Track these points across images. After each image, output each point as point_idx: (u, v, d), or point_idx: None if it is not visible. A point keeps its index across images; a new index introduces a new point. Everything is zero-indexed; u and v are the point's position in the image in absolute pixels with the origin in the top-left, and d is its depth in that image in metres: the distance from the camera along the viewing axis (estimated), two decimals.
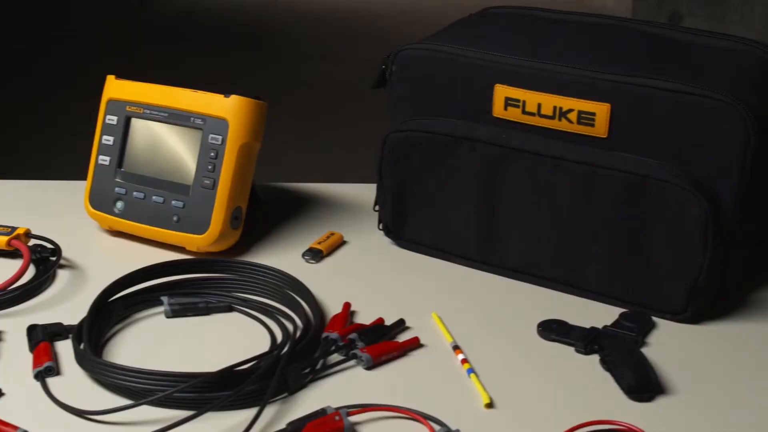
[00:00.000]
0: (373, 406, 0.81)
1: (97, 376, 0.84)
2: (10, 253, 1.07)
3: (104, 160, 1.09)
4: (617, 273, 0.95)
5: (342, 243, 1.10)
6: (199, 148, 1.04)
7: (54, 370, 0.87)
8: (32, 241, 1.06)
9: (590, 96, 0.93)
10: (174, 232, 1.05)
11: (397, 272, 1.05)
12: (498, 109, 0.98)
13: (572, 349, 0.90)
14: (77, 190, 1.21)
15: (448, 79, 1.00)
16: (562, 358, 0.89)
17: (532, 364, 0.89)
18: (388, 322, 0.94)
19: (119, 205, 1.08)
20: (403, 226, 1.07)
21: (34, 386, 0.85)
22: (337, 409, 0.80)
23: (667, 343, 0.92)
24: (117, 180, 1.08)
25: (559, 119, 0.95)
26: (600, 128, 0.93)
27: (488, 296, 1.00)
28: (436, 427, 0.79)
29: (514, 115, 0.97)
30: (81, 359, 0.86)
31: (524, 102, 0.96)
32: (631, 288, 0.95)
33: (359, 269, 1.05)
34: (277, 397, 0.83)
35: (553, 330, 0.92)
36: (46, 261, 1.04)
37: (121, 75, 1.10)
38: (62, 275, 1.04)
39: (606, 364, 0.87)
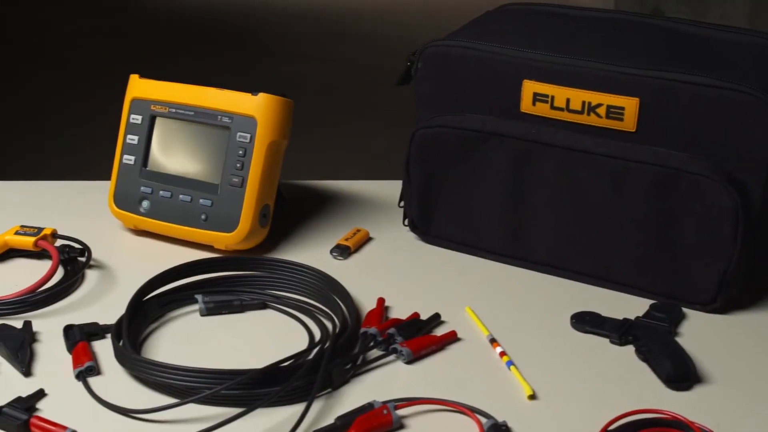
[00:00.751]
0: (419, 399, 0.82)
1: (140, 375, 0.85)
2: (37, 254, 1.07)
3: (129, 159, 1.09)
4: (646, 265, 0.97)
5: (368, 239, 1.11)
6: (226, 147, 1.04)
7: (95, 370, 0.87)
8: (58, 242, 1.06)
9: (619, 90, 0.94)
10: (202, 231, 1.05)
11: (425, 268, 1.06)
12: (526, 105, 0.99)
13: (606, 340, 0.92)
14: (98, 189, 1.21)
15: (475, 76, 1.01)
16: (597, 349, 0.91)
17: (569, 356, 0.90)
18: (421, 317, 0.95)
19: (145, 204, 1.08)
20: (430, 222, 1.08)
21: (76, 386, 0.85)
22: (385, 402, 0.80)
23: (698, 333, 0.93)
24: (142, 179, 1.08)
25: (588, 114, 0.96)
26: (629, 122, 0.95)
27: (518, 290, 1.01)
28: (483, 419, 0.80)
29: (542, 110, 0.98)
30: (123, 358, 0.86)
31: (553, 97, 0.97)
32: (660, 280, 0.97)
33: (387, 265, 1.06)
34: (322, 393, 0.84)
35: (586, 322, 0.93)
36: (74, 261, 1.04)
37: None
38: (90, 275, 1.04)
39: (642, 354, 0.88)
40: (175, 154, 1.07)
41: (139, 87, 1.09)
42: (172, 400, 0.82)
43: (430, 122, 1.03)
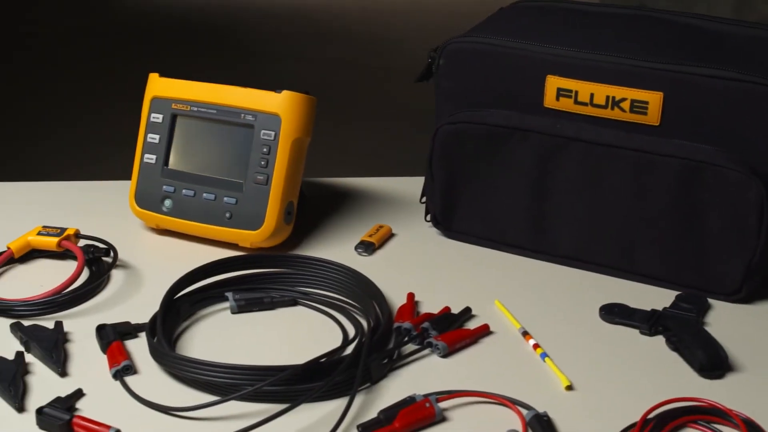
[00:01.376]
0: (460, 392, 0.83)
1: (178, 372, 0.85)
2: (60, 255, 1.07)
3: (150, 158, 1.09)
4: (671, 257, 0.98)
5: (391, 236, 1.11)
6: (250, 144, 1.04)
7: (132, 368, 0.87)
8: (81, 242, 1.06)
9: (643, 85, 0.96)
10: (227, 229, 1.05)
11: (449, 262, 1.06)
12: (549, 100, 1.00)
13: (635, 331, 0.93)
14: (116, 189, 1.21)
15: (498, 72, 1.02)
16: (627, 340, 0.92)
17: (600, 347, 0.91)
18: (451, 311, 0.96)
19: (167, 203, 1.08)
20: (452, 217, 1.09)
21: (113, 385, 0.85)
22: (426, 396, 0.81)
23: (725, 323, 0.95)
24: (164, 178, 1.08)
25: (612, 108, 0.97)
26: (653, 116, 0.96)
27: (543, 283, 1.02)
28: (524, 411, 0.81)
29: (566, 105, 1.00)
30: (160, 356, 0.86)
31: (577, 92, 0.99)
32: (685, 271, 0.98)
33: (411, 260, 1.07)
34: (361, 388, 0.84)
35: (615, 313, 0.94)
36: (99, 261, 1.04)
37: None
38: (115, 275, 1.03)
39: (673, 344, 0.89)
40: (197, 153, 1.07)
41: (159, 86, 1.09)
42: (210, 398, 0.82)
43: (453, 118, 1.04)
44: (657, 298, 0.98)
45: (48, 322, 0.93)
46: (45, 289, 0.99)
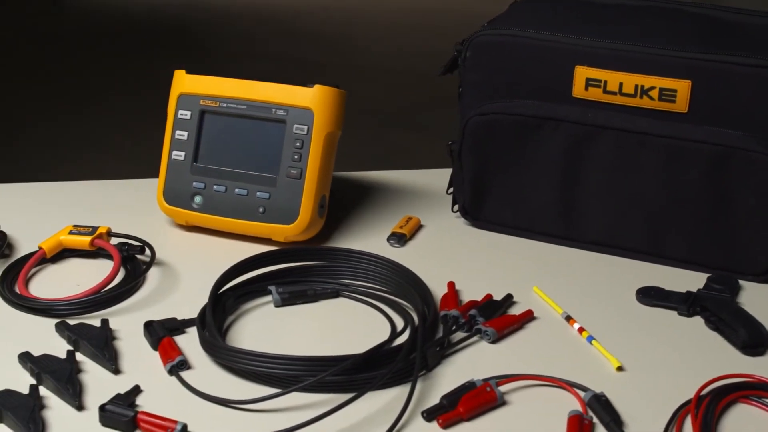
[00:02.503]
0: (517, 376, 0.84)
1: (235, 365, 0.85)
2: (91, 253, 1.06)
3: (178, 155, 1.09)
4: (701, 240, 1.01)
5: (419, 227, 1.13)
6: (282, 139, 1.05)
7: (186, 364, 0.87)
8: (114, 240, 1.05)
9: (672, 74, 0.98)
10: (260, 224, 1.06)
11: (481, 251, 1.08)
12: (578, 90, 1.02)
13: (673, 312, 0.96)
14: (139, 187, 1.22)
15: (526, 63, 1.04)
16: (666, 321, 0.95)
17: (641, 329, 0.94)
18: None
19: (197, 199, 1.08)
20: (481, 207, 1.11)
21: (169, 381, 0.86)
22: (486, 380, 0.83)
23: (757, 302, 0.98)
24: (194, 175, 1.08)
25: (641, 97, 1.00)
26: (681, 104, 0.99)
27: (575, 270, 1.04)
28: (581, 392, 0.83)
29: (594, 94, 1.02)
30: (216, 350, 0.86)
31: (606, 82, 1.01)
32: (714, 253, 1.01)
33: (443, 250, 1.08)
34: (419, 375, 0.85)
35: (652, 296, 0.97)
36: (133, 259, 1.04)
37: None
38: (149, 272, 1.03)
39: (712, 323, 0.92)
40: (227, 148, 1.07)
41: (186, 83, 1.09)
42: (268, 390, 0.83)
43: (483, 109, 1.06)
44: (688, 280, 1.01)
45: (91, 321, 0.93)
46: (81, 288, 0.98)
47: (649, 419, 0.80)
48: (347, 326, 0.94)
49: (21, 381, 0.84)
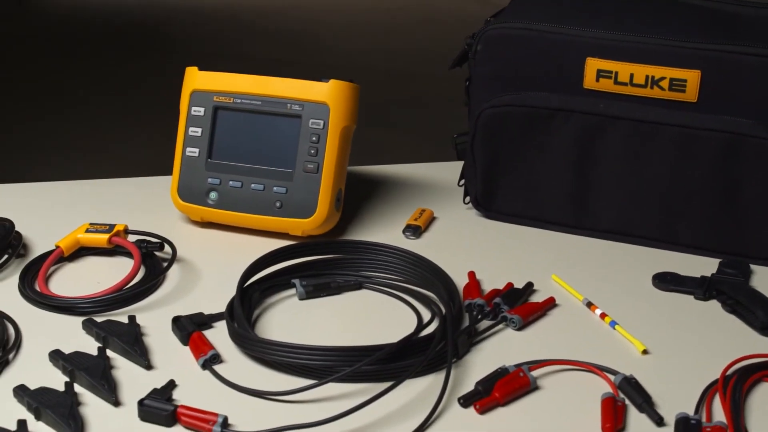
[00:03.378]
0: (547, 361, 0.86)
1: (268, 357, 0.86)
2: (108, 251, 1.06)
3: (192, 151, 1.09)
4: (712, 226, 1.04)
5: (433, 219, 1.14)
6: (298, 134, 1.06)
7: (219, 357, 0.87)
8: (131, 237, 1.05)
9: (682, 64, 1.01)
10: (277, 218, 1.06)
11: (495, 241, 1.10)
12: (589, 81, 1.04)
13: (689, 297, 0.98)
14: (145, 185, 1.22)
15: (537, 56, 1.06)
16: (683, 305, 0.97)
17: (660, 313, 0.96)
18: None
19: (213, 195, 1.08)
20: (493, 198, 1.12)
21: (201, 374, 0.86)
22: (518, 365, 0.84)
23: None
24: (208, 171, 1.08)
25: (651, 87, 1.02)
26: (690, 93, 1.01)
27: (589, 257, 1.06)
28: (610, 375, 0.85)
29: (605, 85, 1.04)
30: (248, 343, 0.87)
31: (616, 73, 1.03)
32: (725, 239, 1.04)
33: (458, 241, 1.10)
34: (443, 365, 0.87)
35: (668, 281, 0.99)
36: (152, 256, 1.04)
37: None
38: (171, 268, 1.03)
39: (729, 306, 0.95)
40: (242, 144, 1.08)
41: (199, 79, 1.09)
42: (302, 381, 0.84)
43: (496, 102, 1.07)
44: (700, 265, 1.03)
45: (116, 318, 0.93)
46: (102, 286, 0.98)
47: (678, 399, 0.82)
48: (372, 317, 0.95)
49: (54, 379, 0.84)
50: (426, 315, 0.94)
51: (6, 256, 1.03)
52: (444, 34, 5.20)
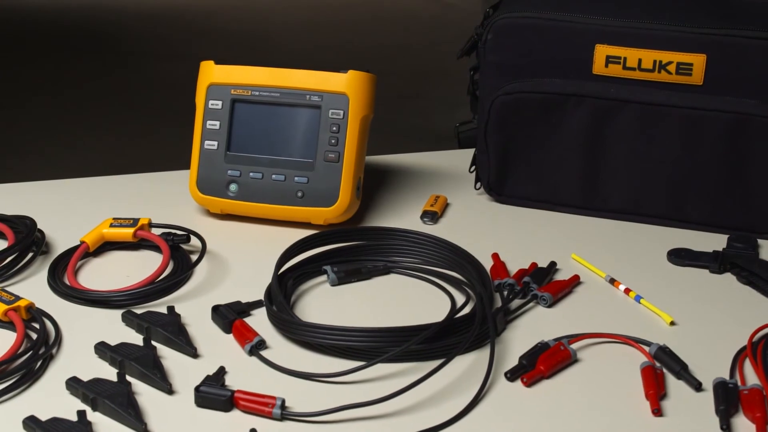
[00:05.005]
0: (584, 334, 0.89)
1: (313, 341, 0.87)
2: (132, 245, 1.06)
3: (211, 144, 1.10)
4: (720, 203, 1.08)
5: (447, 205, 1.17)
6: (318, 124, 1.07)
7: (264, 343, 0.89)
8: (155, 231, 1.06)
9: (688, 48, 1.05)
10: (299, 208, 1.08)
11: (511, 224, 1.13)
12: (598, 67, 1.08)
13: (704, 271, 1.02)
14: (155, 180, 1.23)
15: (546, 44, 1.09)
16: (700, 279, 1.01)
17: (678, 287, 1.00)
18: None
19: (233, 187, 1.09)
20: (505, 183, 1.15)
21: (248, 360, 0.87)
22: (557, 339, 0.88)
23: None
24: (228, 163, 1.09)
25: (659, 71, 1.06)
26: (696, 77, 1.06)
27: (602, 237, 1.10)
28: (645, 346, 0.88)
29: (614, 71, 1.08)
30: (292, 327, 0.89)
31: (625, 58, 1.07)
32: (733, 215, 1.08)
33: (474, 225, 1.13)
34: (487, 341, 0.90)
35: (683, 256, 1.03)
36: (178, 248, 1.04)
37: None
38: (193, 260, 1.04)
39: (744, 278, 0.99)
40: (261, 136, 1.09)
41: (215, 73, 1.10)
42: (348, 363, 0.86)
43: (509, 89, 1.10)
44: (708, 241, 1.08)
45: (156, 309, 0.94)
46: (132, 279, 0.99)
47: (710, 366, 0.86)
48: (403, 300, 0.98)
49: (101, 371, 0.84)
50: (457, 296, 0.97)
51: (31, 254, 1.03)
52: (393, 30, 5.24)
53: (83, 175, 1.30)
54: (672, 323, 0.93)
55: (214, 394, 0.81)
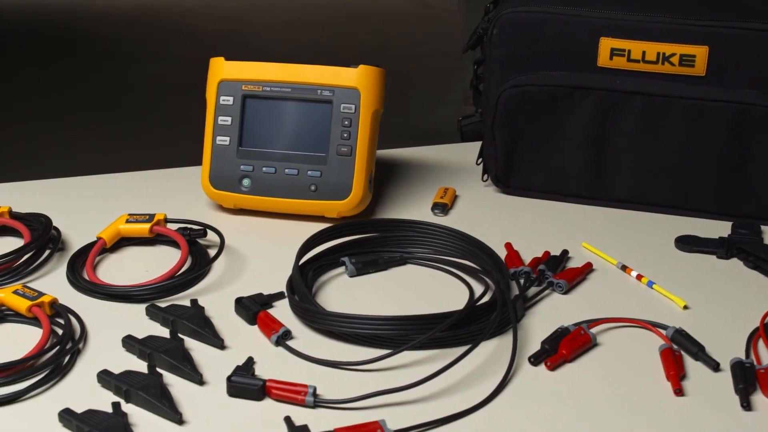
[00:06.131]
0: (603, 319, 0.92)
1: (339, 330, 0.89)
2: (147, 241, 1.07)
3: (223, 140, 1.11)
4: (724, 191, 1.11)
5: (456, 197, 1.19)
6: (330, 119, 1.09)
7: (290, 333, 0.90)
8: (171, 226, 1.07)
9: (691, 40, 1.08)
10: (312, 201, 1.09)
11: (519, 215, 1.15)
12: (603, 60, 1.11)
13: (711, 256, 1.05)
14: (163, 177, 1.25)
15: (552, 37, 1.12)
16: (707, 264, 1.04)
17: (687, 272, 1.03)
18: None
19: (246, 182, 1.10)
20: (512, 175, 1.18)
21: (275, 351, 0.89)
22: (577, 324, 0.90)
23: None
24: (240, 159, 1.11)
25: (663, 63, 1.09)
26: (699, 68, 1.08)
27: (609, 225, 1.13)
28: (662, 330, 0.91)
29: (619, 63, 1.10)
30: (319, 317, 0.90)
31: (629, 51, 1.09)
32: (736, 203, 1.11)
33: (484, 216, 1.15)
34: (508, 327, 0.92)
35: (690, 243, 1.06)
36: (195, 243, 1.05)
37: None
38: (211, 254, 1.05)
39: (751, 263, 1.02)
40: (273, 131, 1.10)
41: (226, 69, 1.11)
42: (373, 351, 0.87)
43: (515, 82, 1.13)
44: (713, 228, 1.11)
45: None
46: (151, 274, 1.00)
47: (725, 347, 0.88)
48: (421, 289, 0.99)
49: (129, 364, 0.85)
50: (474, 284, 0.99)
51: (48, 251, 1.03)
52: (369, 28, 5.26)
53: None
54: (685, 307, 0.95)
55: (247, 383, 0.82)
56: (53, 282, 1.00)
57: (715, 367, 0.85)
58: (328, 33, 5.03)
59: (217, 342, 0.89)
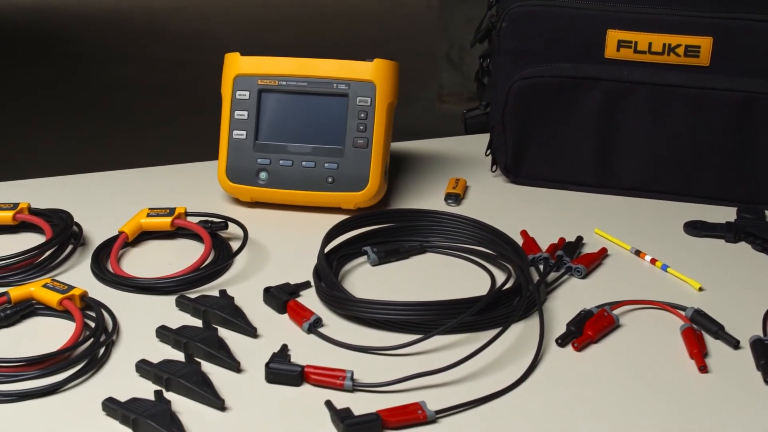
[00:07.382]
0: (624, 301, 0.94)
1: (369, 316, 0.91)
2: (167, 234, 1.08)
3: (240, 134, 1.12)
4: (728, 178, 1.15)
5: (467, 187, 1.21)
6: (346, 112, 1.11)
7: (321, 321, 0.92)
8: (192, 219, 1.08)
9: (695, 32, 1.11)
10: (330, 193, 1.11)
11: (530, 203, 1.18)
12: (610, 51, 1.14)
13: (720, 240, 1.09)
14: (180, 172, 1.26)
15: (560, 30, 1.15)
16: (716, 248, 1.07)
17: (698, 256, 1.06)
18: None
19: (263, 175, 1.12)
20: (522, 165, 1.20)
21: (306, 338, 0.90)
22: (600, 306, 0.93)
23: None
24: (257, 152, 1.12)
25: (668, 54, 1.12)
26: (704, 58, 1.12)
27: (617, 212, 1.16)
28: (681, 311, 0.94)
29: (626, 54, 1.13)
30: (348, 304, 0.92)
31: (636, 42, 1.13)
32: (741, 188, 1.15)
33: (496, 205, 1.17)
34: (534, 310, 0.94)
35: (699, 228, 1.09)
36: (216, 235, 1.06)
37: None
38: (234, 246, 1.06)
39: (759, 245, 1.06)
40: (289, 124, 1.12)
41: (242, 64, 1.13)
42: (401, 336, 0.89)
43: (525, 74, 1.15)
44: (719, 214, 1.14)
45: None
46: (175, 267, 1.01)
47: (742, 326, 0.91)
48: (444, 277, 1.02)
49: (164, 353, 0.87)
50: (495, 271, 1.02)
51: (71, 247, 1.04)
52: (336, 28, 5.28)
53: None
54: (700, 289, 0.98)
55: (285, 369, 0.84)
56: (77, 276, 1.01)
57: (736, 345, 0.88)
58: (300, 33, 5.04)
59: (250, 330, 0.90)
